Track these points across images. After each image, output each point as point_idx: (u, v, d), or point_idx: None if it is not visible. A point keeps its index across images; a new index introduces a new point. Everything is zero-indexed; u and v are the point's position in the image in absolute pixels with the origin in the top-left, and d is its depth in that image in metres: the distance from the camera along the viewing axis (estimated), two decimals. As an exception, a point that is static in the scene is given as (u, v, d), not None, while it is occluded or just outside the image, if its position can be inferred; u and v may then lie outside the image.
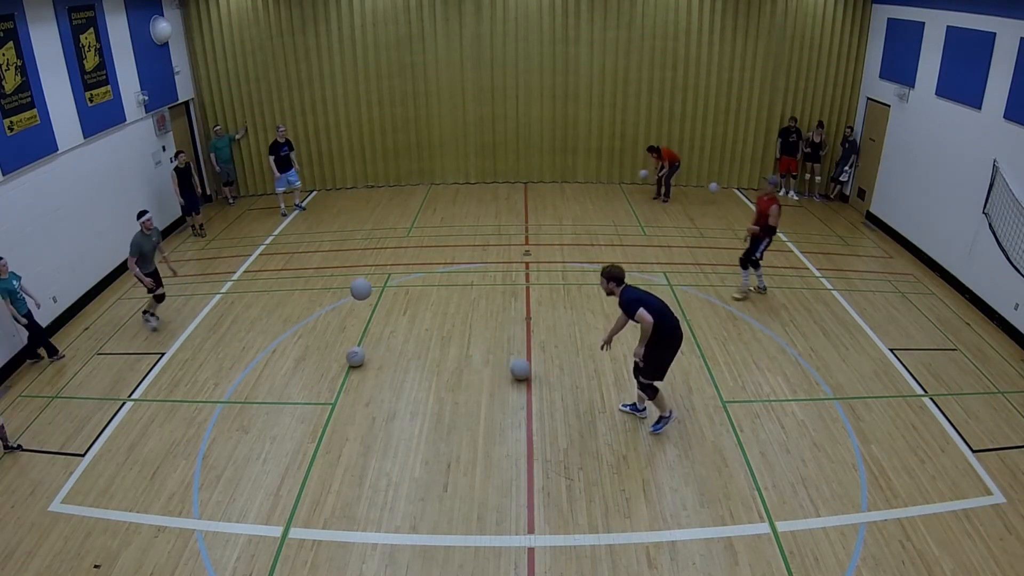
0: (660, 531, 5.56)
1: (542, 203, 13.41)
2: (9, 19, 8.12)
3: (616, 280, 6.20)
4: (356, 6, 13.13)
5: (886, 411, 7.08)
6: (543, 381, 7.57)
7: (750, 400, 7.25)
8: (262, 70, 13.29)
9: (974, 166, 9.37)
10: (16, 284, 7.60)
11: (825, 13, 12.83)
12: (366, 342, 8.39)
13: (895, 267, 10.71)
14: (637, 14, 13.19)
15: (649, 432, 6.72)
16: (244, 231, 12.29)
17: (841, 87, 13.25)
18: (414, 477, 6.19)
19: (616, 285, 6.21)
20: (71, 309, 9.28)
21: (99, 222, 9.97)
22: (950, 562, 5.23)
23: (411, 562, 5.29)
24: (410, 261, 10.77)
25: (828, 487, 6.02)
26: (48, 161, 8.88)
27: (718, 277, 10.07)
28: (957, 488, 6.02)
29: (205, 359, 8.15)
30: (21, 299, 7.67)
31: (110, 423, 7.02)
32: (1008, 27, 8.82)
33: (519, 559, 5.32)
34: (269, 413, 7.12)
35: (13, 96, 8.17)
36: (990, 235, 8.98)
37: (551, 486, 6.05)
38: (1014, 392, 7.44)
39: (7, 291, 7.49)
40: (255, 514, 5.78)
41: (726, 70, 13.45)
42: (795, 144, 13.41)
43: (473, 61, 13.65)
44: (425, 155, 14.45)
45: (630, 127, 14.06)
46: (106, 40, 10.26)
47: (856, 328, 8.73)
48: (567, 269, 10.39)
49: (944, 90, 10.31)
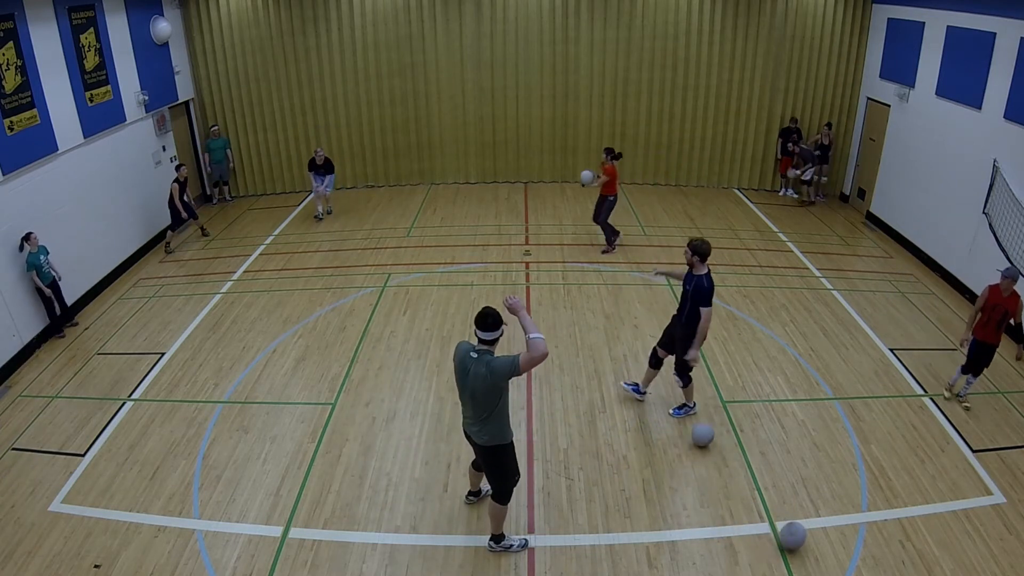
0: (660, 531, 5.56)
1: (542, 203, 13.41)
2: (9, 19, 8.12)
3: (701, 256, 6.10)
4: (356, 6, 13.13)
5: (886, 411, 7.09)
6: (543, 381, 7.57)
7: (750, 400, 7.25)
8: (262, 70, 13.28)
9: (974, 166, 9.37)
10: (43, 258, 8.37)
11: (825, 13, 12.82)
12: (366, 342, 8.39)
13: (895, 267, 10.71)
14: (637, 14, 13.19)
15: (669, 414, 6.92)
16: (244, 231, 12.29)
17: (841, 87, 13.25)
18: (414, 477, 6.19)
19: (700, 261, 6.12)
20: (71, 309, 9.26)
21: (99, 222, 9.97)
22: (950, 562, 5.24)
23: (411, 562, 5.29)
24: (410, 261, 10.77)
25: (828, 487, 6.02)
26: (48, 161, 8.88)
27: (718, 277, 9.96)
28: (957, 488, 6.02)
29: (205, 359, 8.15)
30: (47, 272, 8.45)
31: (110, 423, 7.02)
32: (1008, 27, 8.82)
33: (519, 559, 5.32)
34: (269, 413, 7.12)
35: (13, 96, 8.17)
36: (990, 235, 8.98)
37: (551, 486, 6.05)
38: (1014, 392, 7.45)
39: (34, 264, 8.24)
40: (255, 514, 5.78)
41: (726, 70, 13.45)
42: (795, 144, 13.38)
43: (473, 61, 13.64)
44: (425, 155, 14.45)
45: (630, 127, 14.06)
46: (106, 40, 10.26)
47: (856, 328, 8.73)
48: (567, 269, 10.39)
49: (944, 90, 10.30)
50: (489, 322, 4.57)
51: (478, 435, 4.86)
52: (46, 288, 8.40)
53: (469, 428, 4.96)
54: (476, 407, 4.74)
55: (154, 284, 10.26)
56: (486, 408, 4.71)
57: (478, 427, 4.82)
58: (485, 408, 4.71)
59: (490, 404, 4.69)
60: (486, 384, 4.59)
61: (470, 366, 4.64)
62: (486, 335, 4.61)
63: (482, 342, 4.66)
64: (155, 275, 10.60)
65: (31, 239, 8.23)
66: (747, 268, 10.45)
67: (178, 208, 11.22)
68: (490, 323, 4.57)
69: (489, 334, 4.60)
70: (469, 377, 4.65)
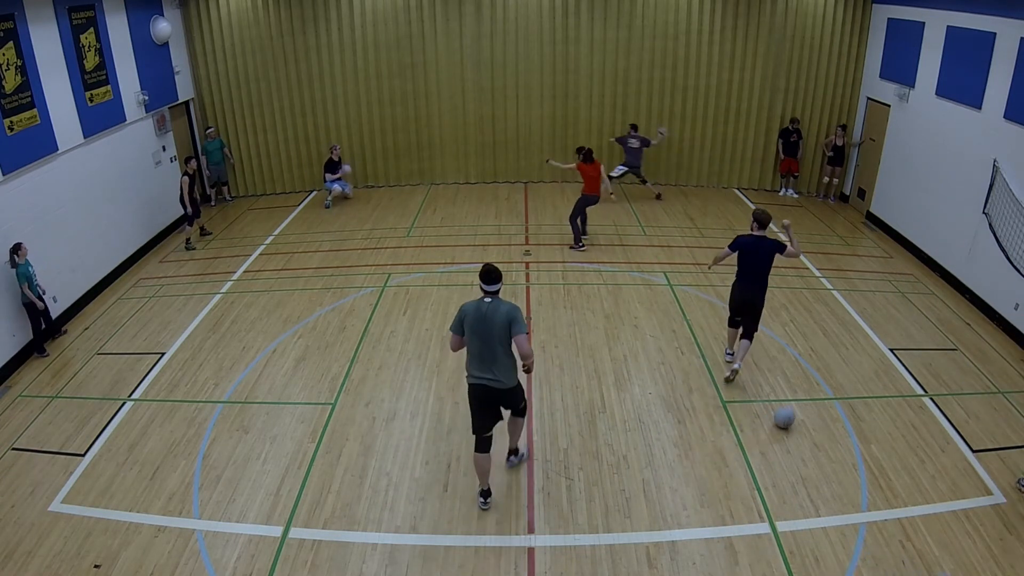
0: (660, 531, 5.56)
1: (542, 203, 13.42)
2: (9, 19, 8.12)
3: (761, 224, 7.09)
4: (356, 6, 13.13)
5: (886, 411, 7.08)
6: (543, 381, 7.57)
7: (750, 400, 7.25)
8: (262, 70, 13.29)
9: (974, 166, 9.37)
10: (32, 270, 8.13)
11: (825, 13, 12.83)
12: (366, 342, 8.39)
13: (895, 267, 10.71)
14: (637, 14, 13.19)
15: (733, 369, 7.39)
16: (244, 231, 12.29)
17: (841, 87, 13.25)
18: (414, 477, 6.19)
19: (759, 228, 7.10)
20: (71, 309, 9.27)
21: (99, 222, 9.97)
22: (950, 562, 5.23)
23: (411, 562, 5.29)
24: (410, 261, 10.77)
25: (828, 487, 6.02)
26: (48, 161, 8.88)
27: (718, 277, 10.06)
28: (957, 488, 6.02)
29: (205, 359, 8.15)
30: (36, 284, 8.17)
31: (110, 423, 7.02)
32: (1008, 27, 8.82)
33: (519, 559, 5.32)
34: (269, 413, 7.12)
35: (13, 96, 8.17)
36: (990, 235, 8.98)
37: (551, 486, 6.05)
38: (1014, 392, 7.44)
39: (24, 275, 7.98)
40: (255, 514, 5.78)
41: (726, 70, 13.45)
42: (795, 144, 13.43)
43: (473, 61, 13.65)
44: (425, 155, 14.45)
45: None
46: (106, 40, 10.26)
47: (856, 328, 8.73)
48: (567, 269, 10.39)
49: (944, 90, 10.31)
50: (493, 276, 5.38)
51: (496, 381, 5.46)
52: (38, 301, 8.09)
53: (488, 380, 5.47)
54: (495, 348, 5.37)
55: (154, 284, 10.26)
56: (502, 343, 5.36)
57: (493, 374, 5.44)
58: (501, 343, 5.36)
59: (505, 340, 5.35)
60: (505, 319, 5.29)
61: (486, 310, 5.35)
62: (491, 287, 5.38)
63: (488, 294, 5.38)
64: (155, 275, 10.61)
65: (20, 250, 7.91)
66: (747, 268, 10.45)
67: (195, 199, 11.40)
68: (494, 277, 5.38)
69: (493, 286, 5.38)
70: (486, 320, 5.32)
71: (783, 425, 6.77)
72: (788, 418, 6.76)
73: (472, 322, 5.38)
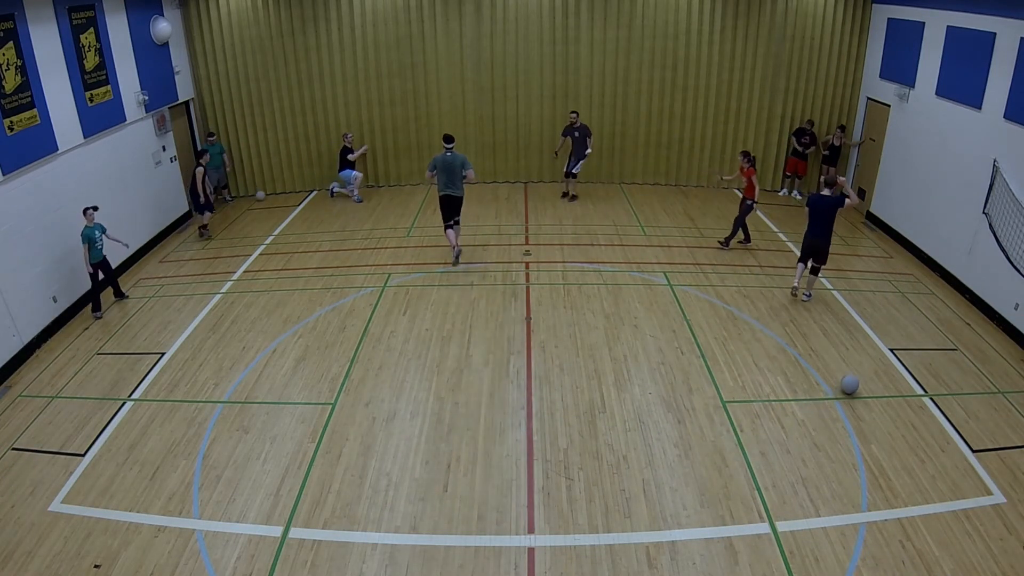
0: (660, 531, 5.56)
1: (542, 203, 13.41)
2: (9, 19, 8.12)
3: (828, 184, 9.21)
4: (356, 6, 13.13)
5: (886, 411, 7.09)
6: (543, 381, 7.57)
7: (750, 400, 7.25)
8: (262, 70, 13.28)
9: (974, 166, 9.37)
10: (98, 234, 8.95)
11: (825, 13, 12.82)
12: (366, 342, 8.40)
13: (895, 267, 10.71)
14: (637, 14, 13.19)
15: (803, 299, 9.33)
16: (244, 231, 12.29)
17: (841, 87, 13.25)
18: (414, 477, 6.19)
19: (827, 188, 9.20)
20: (71, 309, 9.27)
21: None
22: (950, 562, 5.24)
23: (411, 562, 5.30)
24: (410, 261, 10.77)
25: (828, 487, 6.02)
26: (48, 161, 8.88)
27: (718, 277, 10.07)
28: (957, 488, 6.02)
29: (205, 359, 8.16)
30: (98, 248, 8.99)
31: (110, 423, 7.02)
32: (1008, 27, 8.82)
33: (519, 559, 5.32)
34: (269, 413, 7.13)
35: (13, 96, 8.17)
36: (990, 235, 8.98)
37: (551, 486, 6.06)
38: (1014, 392, 7.45)
39: (88, 237, 8.80)
40: (255, 514, 5.78)
41: (726, 70, 13.45)
42: (805, 146, 13.31)
43: (473, 61, 13.65)
44: (425, 155, 14.40)
45: (630, 127, 14.06)
46: (106, 40, 10.26)
47: (856, 328, 8.73)
48: (567, 269, 10.39)
49: (944, 90, 10.31)
50: (450, 138, 10.02)
51: (456, 191, 10.10)
52: (90, 267, 8.91)
53: (451, 192, 10.08)
54: (456, 178, 9.98)
55: (154, 284, 10.26)
56: (459, 177, 9.95)
57: (453, 189, 10.07)
58: (459, 177, 9.95)
59: (460, 172, 9.92)
60: (460, 161, 9.92)
61: (449, 157, 9.89)
62: (450, 144, 9.91)
63: (448, 149, 9.88)
64: (155, 275, 10.61)
65: (88, 214, 8.81)
66: (747, 268, 10.45)
67: (208, 192, 11.71)
68: (451, 138, 10.02)
69: (451, 144, 9.93)
70: (449, 162, 9.90)
71: (850, 392, 7.28)
72: (854, 385, 7.28)
73: (441, 163, 9.91)
